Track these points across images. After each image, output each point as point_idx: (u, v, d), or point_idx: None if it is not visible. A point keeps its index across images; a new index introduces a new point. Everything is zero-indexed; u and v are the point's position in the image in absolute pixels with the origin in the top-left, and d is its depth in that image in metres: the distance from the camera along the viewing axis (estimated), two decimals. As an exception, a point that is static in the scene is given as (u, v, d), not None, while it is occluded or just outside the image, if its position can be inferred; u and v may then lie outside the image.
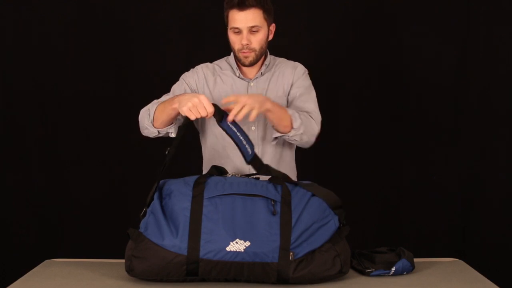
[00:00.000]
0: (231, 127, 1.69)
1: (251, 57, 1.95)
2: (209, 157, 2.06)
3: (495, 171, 2.90)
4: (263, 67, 2.03)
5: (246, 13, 1.89)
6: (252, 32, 1.92)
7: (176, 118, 1.85)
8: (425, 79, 2.91)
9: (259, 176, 1.68)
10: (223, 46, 2.03)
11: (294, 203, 1.56)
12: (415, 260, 1.70)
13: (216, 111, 1.68)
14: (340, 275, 1.57)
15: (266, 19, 1.93)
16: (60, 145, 2.91)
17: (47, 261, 1.80)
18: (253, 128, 1.99)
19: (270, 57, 2.06)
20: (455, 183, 2.93)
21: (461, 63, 2.90)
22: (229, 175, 1.66)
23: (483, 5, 2.86)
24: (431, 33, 2.89)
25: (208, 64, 2.08)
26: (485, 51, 2.88)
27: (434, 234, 2.94)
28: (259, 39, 1.93)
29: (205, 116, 1.66)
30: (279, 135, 1.90)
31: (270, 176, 1.65)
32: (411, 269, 1.67)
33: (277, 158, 2.01)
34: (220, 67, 2.06)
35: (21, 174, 2.92)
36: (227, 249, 1.49)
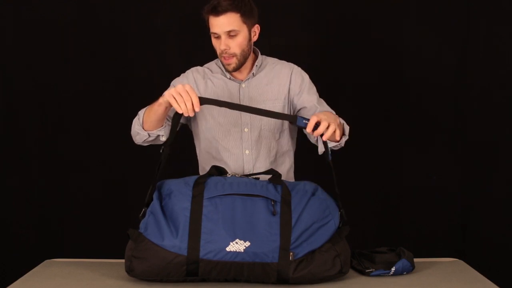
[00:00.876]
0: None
1: (233, 64, 1.93)
2: (203, 161, 2.06)
3: (495, 171, 2.90)
4: (254, 68, 2.01)
5: (221, 18, 1.86)
6: (230, 36, 1.89)
7: (165, 116, 1.82)
8: (425, 79, 2.91)
9: (259, 176, 1.68)
10: (223, 46, 2.02)
11: (294, 203, 1.56)
12: (415, 260, 1.70)
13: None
14: (340, 275, 1.57)
15: (245, 22, 1.90)
16: (60, 145, 2.91)
17: (47, 261, 1.80)
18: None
19: (261, 57, 2.04)
20: (455, 183, 2.92)
21: (461, 63, 2.89)
22: (229, 175, 1.66)
23: (483, 5, 2.86)
24: (431, 33, 2.89)
25: (198, 68, 2.06)
26: (485, 51, 2.87)
27: (434, 234, 2.93)
28: (239, 42, 1.90)
29: (190, 106, 1.59)
30: (333, 145, 1.87)
31: (270, 176, 1.65)
32: (411, 269, 1.67)
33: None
34: (210, 70, 2.04)
35: (21, 174, 2.92)
36: (227, 249, 1.49)
